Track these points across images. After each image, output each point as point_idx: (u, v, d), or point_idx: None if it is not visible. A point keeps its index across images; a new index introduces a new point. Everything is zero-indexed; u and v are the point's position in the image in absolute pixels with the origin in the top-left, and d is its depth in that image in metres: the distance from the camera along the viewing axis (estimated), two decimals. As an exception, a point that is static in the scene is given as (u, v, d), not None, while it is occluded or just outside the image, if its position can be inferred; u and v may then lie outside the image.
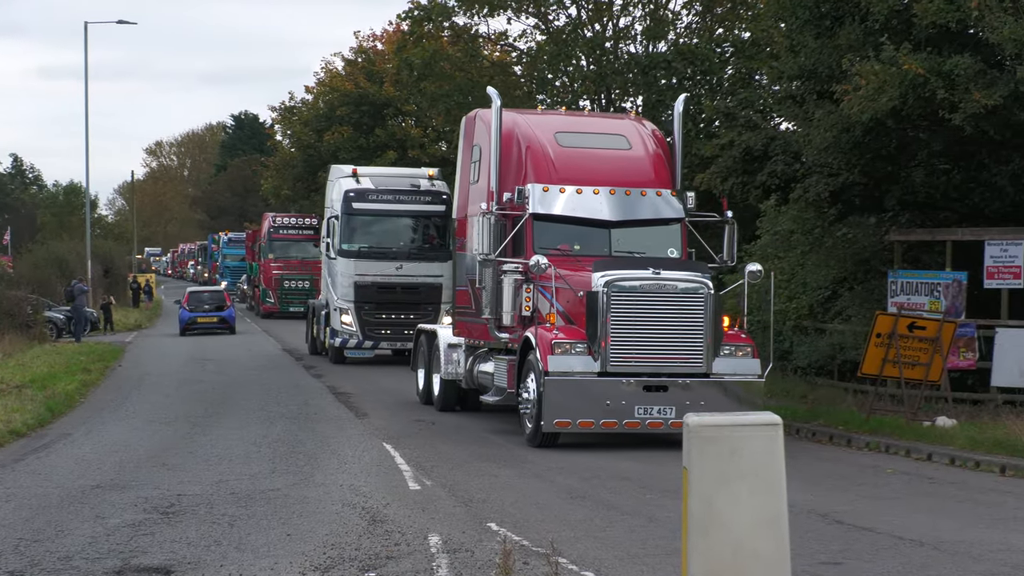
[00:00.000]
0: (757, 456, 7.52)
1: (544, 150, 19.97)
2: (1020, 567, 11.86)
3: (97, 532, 13.08)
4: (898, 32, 22.92)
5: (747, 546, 7.33)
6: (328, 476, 17.55)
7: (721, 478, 7.36)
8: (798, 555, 9.81)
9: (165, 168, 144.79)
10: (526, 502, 15.54)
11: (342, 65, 70.74)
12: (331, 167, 35.94)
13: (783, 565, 7.42)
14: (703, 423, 7.50)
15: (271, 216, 62.93)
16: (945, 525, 14.31)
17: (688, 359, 17.36)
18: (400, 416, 25.64)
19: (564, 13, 43.31)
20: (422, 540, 12.81)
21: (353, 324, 31.18)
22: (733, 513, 7.35)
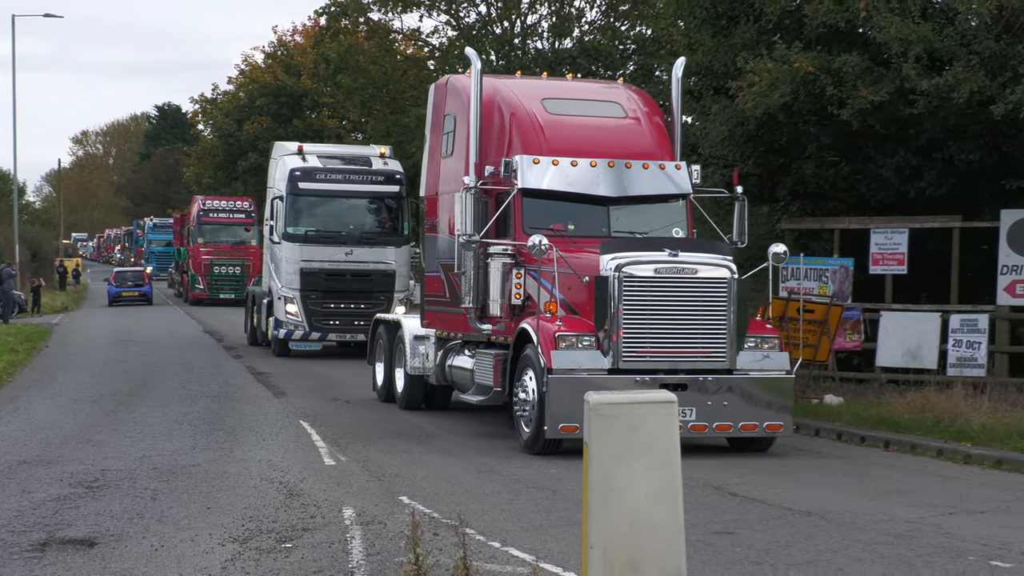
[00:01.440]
0: (654, 432, 7.59)
1: (532, 118, 17.28)
2: (902, 536, 12.18)
3: (23, 506, 13.10)
4: (790, 31, 23.65)
5: (644, 517, 7.40)
6: (247, 452, 17.60)
7: (620, 453, 7.45)
8: (692, 525, 10.03)
9: (91, 157, 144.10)
10: (436, 477, 15.65)
11: (262, 58, 71.14)
12: (275, 144, 33.20)
13: (678, 535, 7.51)
14: (603, 401, 7.57)
15: (200, 199, 61.02)
16: (831, 497, 14.53)
17: (710, 353, 14.76)
18: (317, 395, 25.69)
19: (474, 10, 44.58)
20: (337, 513, 12.89)
21: (299, 314, 28.78)
22: (631, 486, 7.41)
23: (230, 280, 55.55)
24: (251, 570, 10.35)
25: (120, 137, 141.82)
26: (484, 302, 17.04)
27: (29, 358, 32.51)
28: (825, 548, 12.02)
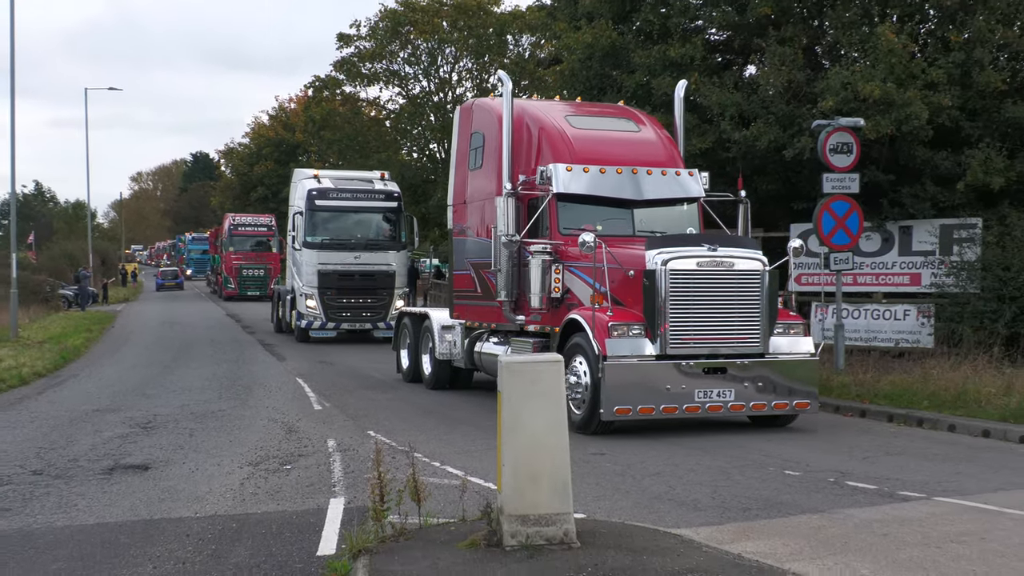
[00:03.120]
0: (548, 383, 7.97)
1: (560, 131, 15.44)
2: (734, 457, 12.45)
3: (96, 442, 13.95)
4: (641, 99, 23.69)
5: (541, 441, 7.83)
6: (258, 401, 18.34)
7: (524, 397, 7.88)
8: (575, 448, 10.41)
9: (144, 190, 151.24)
10: (394, 417, 16.32)
11: (267, 119, 73.12)
12: (295, 170, 32.74)
13: (565, 455, 7.92)
14: (512, 361, 8.22)
15: (231, 216, 60.65)
16: (715, 434, 14.43)
17: (746, 339, 13.17)
18: (308, 359, 25.89)
19: (418, 84, 46.39)
20: (323, 443, 13.76)
21: (317, 308, 27.45)
22: (532, 420, 7.84)
23: (256, 280, 55.08)
24: (261, 485, 11.11)
25: (165, 176, 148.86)
26: (519, 296, 15.21)
27: (100, 336, 33.34)
28: (673, 464, 12.29)
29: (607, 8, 26.09)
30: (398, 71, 50.71)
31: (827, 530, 8.89)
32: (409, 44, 49.71)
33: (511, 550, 7.55)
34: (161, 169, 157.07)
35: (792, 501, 10.10)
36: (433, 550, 7.67)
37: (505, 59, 47.47)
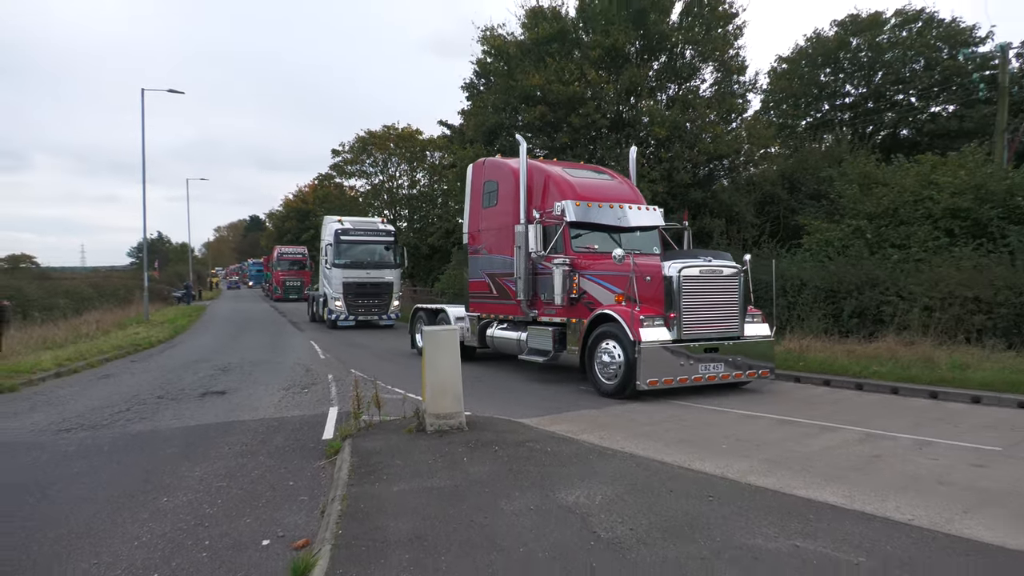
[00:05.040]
0: (448, 342, 8.00)
1: (565, 178, 13.36)
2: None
3: (195, 378, 13.46)
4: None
5: (445, 373, 7.82)
6: (288, 354, 17.54)
7: (437, 349, 7.92)
8: (466, 378, 10.18)
9: (222, 237, 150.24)
10: (367, 362, 15.69)
11: (292, 196, 73.16)
12: (324, 216, 29.95)
13: (459, 380, 7.94)
14: (430, 331, 8.00)
15: (279, 247, 57.30)
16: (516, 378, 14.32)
17: (730, 326, 11.32)
18: (317, 330, 25.43)
19: (376, 178, 48.11)
20: (325, 377, 13.33)
21: (342, 306, 25.01)
22: (440, 363, 7.88)
23: (295, 288, 51.54)
24: (291, 401, 10.84)
25: (233, 229, 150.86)
26: (533, 296, 12.95)
27: (197, 319, 32.10)
28: (518, 387, 12.00)
29: (481, 137, 26.31)
30: (365, 170, 51.05)
31: (600, 418, 9.05)
32: (371, 156, 49.86)
33: (431, 433, 7.64)
34: (231, 224, 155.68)
35: (581, 403, 10.27)
36: (387, 434, 7.66)
37: (424, 164, 47.79)
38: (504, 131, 25.96)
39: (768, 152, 26.77)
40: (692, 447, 7.37)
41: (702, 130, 23.66)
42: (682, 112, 23.61)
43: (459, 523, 4.94)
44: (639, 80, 23.62)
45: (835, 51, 31.44)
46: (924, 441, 7.62)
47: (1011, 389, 10.19)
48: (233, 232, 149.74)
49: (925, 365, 11.86)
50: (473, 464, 6.42)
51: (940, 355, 12.39)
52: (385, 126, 50.30)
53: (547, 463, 6.46)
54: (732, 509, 5.20)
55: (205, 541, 5.09)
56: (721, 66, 25.17)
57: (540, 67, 24.17)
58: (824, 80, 32.05)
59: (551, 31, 24.63)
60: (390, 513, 5.16)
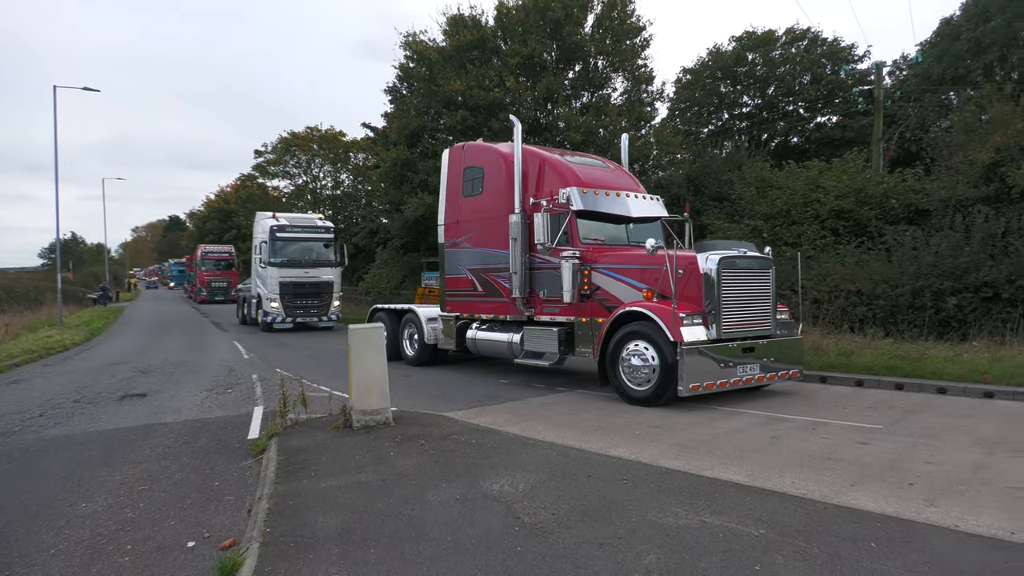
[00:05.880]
0: (374, 339, 7.87)
1: (564, 164, 11.52)
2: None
3: (112, 381, 12.63)
4: (422, 187, 24.77)
5: (371, 370, 7.71)
6: (211, 355, 16.73)
7: (362, 346, 7.76)
8: (392, 374, 10.26)
9: (140, 237, 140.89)
10: (291, 360, 15.26)
11: (214, 197, 69.76)
12: (257, 213, 27.17)
13: (385, 377, 7.81)
14: (355, 329, 7.82)
15: (202, 246, 52.31)
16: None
17: (764, 322, 9.73)
18: (241, 331, 24.42)
19: (300, 179, 46.66)
20: (250, 377, 12.81)
21: (279, 308, 22.96)
22: (366, 359, 7.74)
23: (222, 290, 47.75)
24: (214, 401, 10.42)
25: (152, 229, 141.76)
26: (560, 293, 10.68)
27: (114, 321, 30.16)
28: (444, 382, 11.84)
29: (404, 139, 26.03)
30: (288, 171, 49.54)
31: (521, 409, 9.10)
32: (294, 156, 48.49)
33: (357, 429, 7.51)
34: (150, 224, 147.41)
35: (504, 396, 10.26)
36: (314, 432, 7.48)
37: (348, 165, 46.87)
38: (427, 134, 25.79)
39: (675, 157, 27.59)
40: (608, 434, 7.51)
41: (614, 136, 24.16)
42: (596, 118, 24.02)
43: (387, 516, 4.87)
44: (556, 88, 23.91)
45: (733, 65, 32.70)
46: (817, 422, 8.01)
47: (889, 372, 10.89)
48: (152, 232, 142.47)
49: (816, 353, 12.39)
50: (400, 458, 6.35)
51: (828, 343, 13.00)
52: (308, 127, 49.07)
53: (472, 455, 6.45)
54: (646, 491, 5.33)
55: (127, 545, 4.83)
56: (631, 76, 25.80)
57: (461, 73, 24.10)
58: (724, 91, 33.26)
59: (471, 38, 24.62)
60: (318, 509, 5.04)
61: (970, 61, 27.42)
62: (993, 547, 4.24)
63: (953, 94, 28.31)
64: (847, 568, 3.94)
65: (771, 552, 4.15)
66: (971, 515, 4.82)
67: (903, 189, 17.61)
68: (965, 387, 9.83)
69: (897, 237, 15.80)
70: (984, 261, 13.96)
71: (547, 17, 23.92)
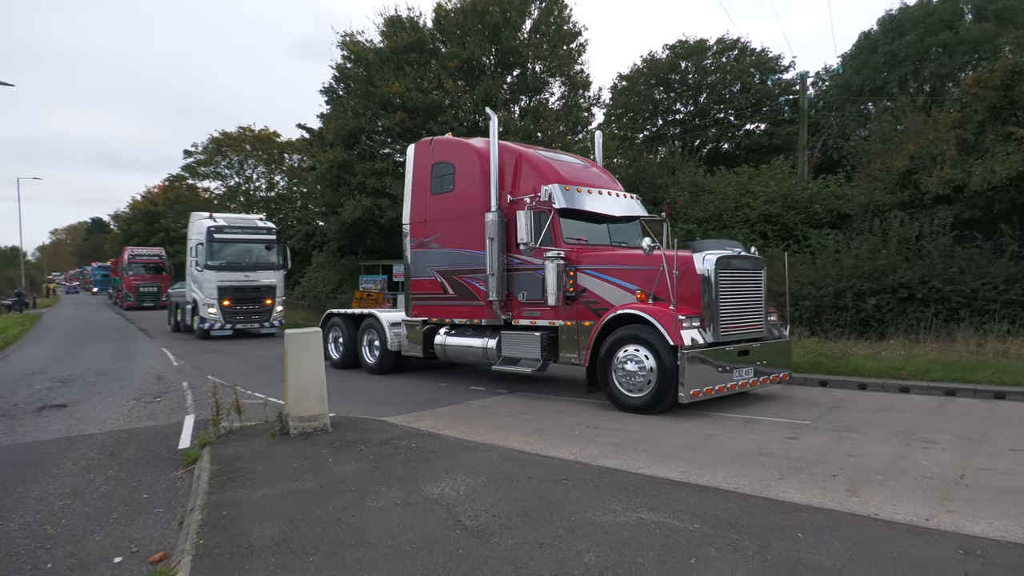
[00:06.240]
0: (311, 343, 7.75)
1: (542, 160, 10.85)
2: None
3: (30, 392, 11.96)
4: (361, 189, 24.42)
5: (309, 375, 7.59)
6: (138, 363, 16.01)
7: (300, 351, 7.65)
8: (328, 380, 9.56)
9: (59, 240, 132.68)
10: (224, 367, 14.78)
11: (140, 198, 66.87)
12: (192, 213, 25.62)
13: (323, 382, 7.71)
14: (292, 333, 7.71)
15: (129, 249, 48.56)
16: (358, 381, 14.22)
17: (758, 324, 9.40)
18: (171, 337, 23.50)
19: (232, 180, 44.54)
20: (180, 384, 12.39)
21: (217, 313, 21.72)
22: (303, 364, 7.63)
23: (151, 295, 44.66)
24: (142, 411, 10.01)
25: (73, 231, 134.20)
26: (544, 296, 9.99)
27: (31, 328, 28.34)
28: (382, 387, 11.70)
29: (341, 140, 25.63)
30: (220, 172, 48.11)
31: (461, 413, 9.10)
32: (226, 157, 47.16)
33: (294, 436, 7.38)
34: (71, 226, 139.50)
35: (444, 400, 10.23)
36: (249, 440, 7.31)
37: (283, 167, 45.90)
38: (364, 135, 25.49)
39: (611, 162, 28.09)
40: (547, 435, 7.57)
41: (552, 140, 24.40)
42: (534, 123, 24.20)
43: (326, 523, 4.80)
44: (494, 91, 23.99)
45: (667, 72, 33.52)
46: (748, 419, 8.30)
47: (814, 370, 11.37)
48: (72, 235, 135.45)
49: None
50: (339, 464, 6.26)
51: (758, 343, 13.61)
52: (241, 127, 47.82)
53: (413, 459, 6.41)
54: (585, 490, 5.41)
55: (47, 564, 4.60)
56: (568, 81, 26.14)
57: (399, 75, 23.91)
58: (658, 98, 34.06)
59: (409, 40, 24.45)
60: (254, 518, 4.92)
61: (887, 73, 28.89)
62: (910, 533, 4.47)
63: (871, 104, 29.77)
64: (776, 557, 4.09)
65: (705, 545, 4.28)
66: (889, 504, 5.06)
67: (826, 195, 18.42)
68: (883, 383, 10.33)
69: (821, 241, 16.48)
70: (900, 263, 14.71)
71: (485, 21, 24.02)
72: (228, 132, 47.65)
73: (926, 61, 28.19)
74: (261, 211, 43.52)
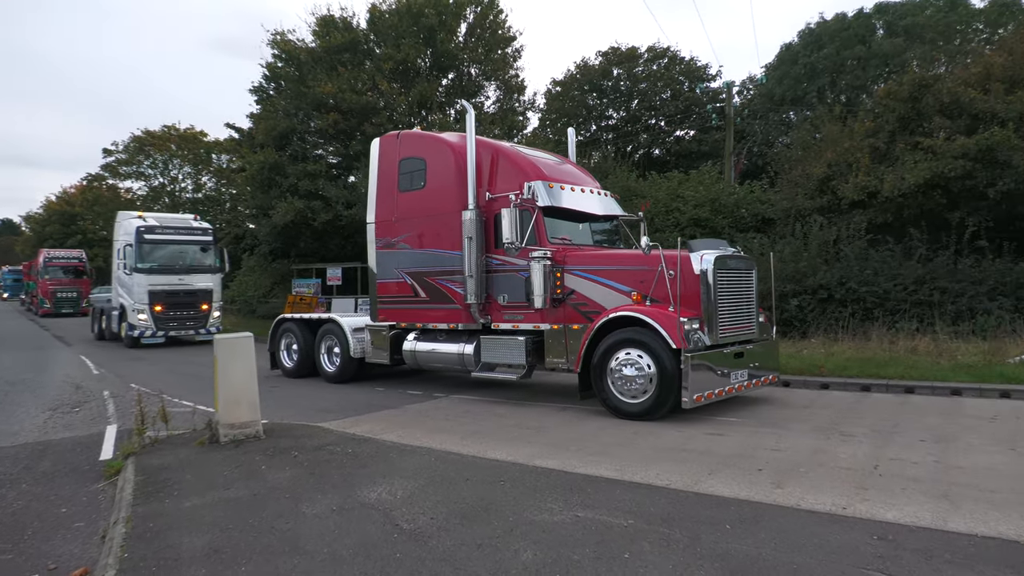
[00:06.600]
0: (243, 349, 7.55)
1: (521, 156, 10.33)
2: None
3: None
4: (293, 191, 24.06)
5: (240, 382, 7.41)
6: (54, 372, 15.13)
7: (230, 357, 7.45)
8: (259, 386, 9.51)
9: None
10: (149, 375, 14.14)
11: (55, 199, 63.11)
12: (119, 212, 23.35)
13: (255, 389, 7.55)
14: (222, 338, 7.51)
15: (45, 251, 44.36)
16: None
17: (751, 326, 9.08)
18: (93, 345, 22.35)
19: (157, 180, 42.71)
20: (101, 393, 11.82)
21: (148, 320, 20.21)
22: (234, 372, 7.43)
23: (70, 300, 40.89)
24: (59, 422, 9.51)
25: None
26: (530, 298, 9.43)
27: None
28: (313, 393, 11.50)
29: (272, 141, 25.03)
30: (143, 172, 46.23)
31: (398, 417, 9.02)
32: (150, 156, 45.41)
33: (225, 444, 7.20)
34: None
35: (381, 404, 10.13)
36: (177, 449, 7.07)
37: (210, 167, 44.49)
38: (296, 136, 24.97)
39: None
40: (485, 437, 7.61)
41: (488, 144, 24.59)
42: (469, 126, 24.36)
43: (259, 531, 4.69)
44: (429, 94, 23.92)
45: (600, 79, 34.17)
46: (678, 417, 8.46)
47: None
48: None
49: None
50: (272, 471, 6.13)
51: (688, 343, 13.98)
52: (165, 126, 46.20)
53: (349, 464, 6.34)
54: (522, 490, 5.47)
55: (-45, 585, 4.35)
56: (503, 85, 26.33)
57: (332, 75, 23.55)
58: (591, 103, 34.67)
59: (343, 40, 24.12)
60: (183, 529, 4.77)
61: (806, 84, 30.26)
62: (829, 521, 4.71)
63: (792, 113, 31.11)
64: (705, 549, 4.24)
65: (639, 540, 4.39)
66: (811, 494, 5.30)
67: (752, 200, 19.16)
68: (805, 380, 10.81)
69: (747, 244, 17.15)
70: (820, 266, 15.46)
71: (421, 23, 23.93)
72: (151, 131, 45.88)
73: (842, 73, 29.67)
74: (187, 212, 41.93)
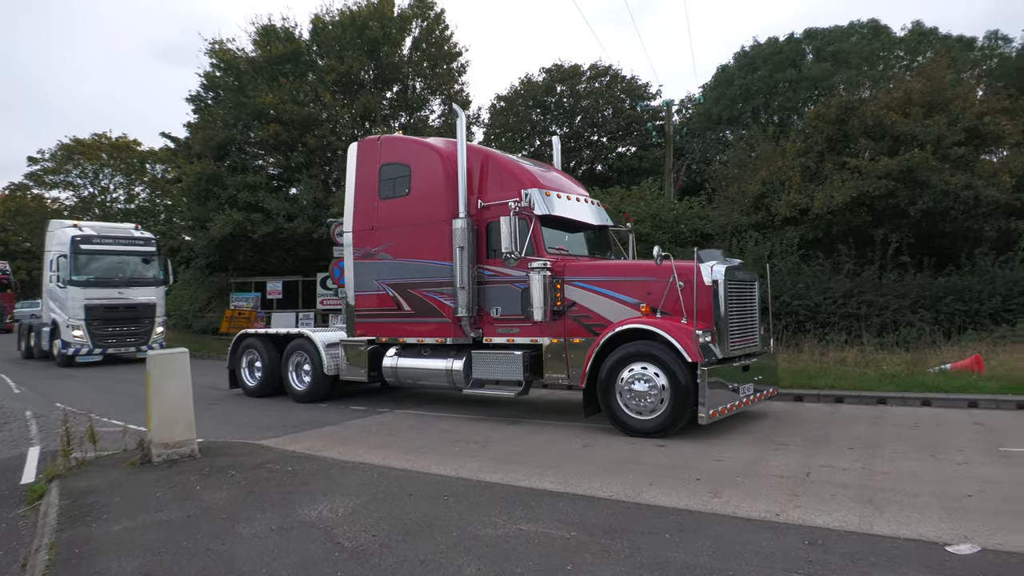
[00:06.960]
0: (179, 365, 7.30)
1: (513, 163, 10.00)
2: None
3: None
4: (232, 203, 23.48)
5: (175, 400, 7.20)
6: None
7: (165, 374, 7.21)
8: (209, 406, 9.50)
9: None
10: (76, 394, 13.52)
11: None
12: (51, 221, 21.72)
13: (190, 407, 7.36)
14: (156, 354, 7.27)
15: None
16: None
17: (755, 338, 8.82)
18: (9, 362, 21.25)
19: (87, 190, 41.35)
20: (23, 413, 11.23)
21: (84, 336, 18.79)
22: (169, 388, 7.19)
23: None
24: (-24, 444, 8.98)
25: None
26: (529, 310, 8.95)
27: None
28: (254, 409, 11.21)
29: (210, 151, 24.44)
30: (71, 181, 44.39)
31: (340, 433, 8.91)
32: (79, 165, 43.66)
33: (158, 464, 6.94)
34: None
35: (322, 420, 9.98)
36: (105, 471, 6.77)
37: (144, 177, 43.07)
38: (235, 147, 24.44)
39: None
40: (429, 453, 7.57)
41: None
42: (414, 139, 24.34)
43: (194, 554, 4.55)
44: (373, 107, 23.78)
45: (543, 95, 34.63)
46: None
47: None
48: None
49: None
50: (208, 491, 5.95)
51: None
52: (95, 134, 44.50)
53: (288, 482, 6.22)
54: (466, 505, 5.47)
55: None
56: (448, 99, 26.40)
57: (273, 86, 23.18)
58: (535, 119, 35.09)
59: (284, 51, 23.78)
60: (111, 554, 4.57)
61: (741, 104, 31.35)
62: (763, 527, 4.87)
63: (729, 132, 32.15)
64: (645, 558, 4.32)
65: (581, 552, 4.45)
66: (746, 502, 5.47)
67: (690, 215, 19.70)
68: (742, 390, 11.22)
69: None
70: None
71: (365, 36, 23.81)
72: (80, 139, 44.18)
73: (775, 95, 30.88)
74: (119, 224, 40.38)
